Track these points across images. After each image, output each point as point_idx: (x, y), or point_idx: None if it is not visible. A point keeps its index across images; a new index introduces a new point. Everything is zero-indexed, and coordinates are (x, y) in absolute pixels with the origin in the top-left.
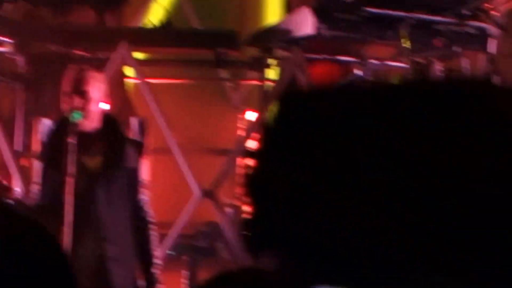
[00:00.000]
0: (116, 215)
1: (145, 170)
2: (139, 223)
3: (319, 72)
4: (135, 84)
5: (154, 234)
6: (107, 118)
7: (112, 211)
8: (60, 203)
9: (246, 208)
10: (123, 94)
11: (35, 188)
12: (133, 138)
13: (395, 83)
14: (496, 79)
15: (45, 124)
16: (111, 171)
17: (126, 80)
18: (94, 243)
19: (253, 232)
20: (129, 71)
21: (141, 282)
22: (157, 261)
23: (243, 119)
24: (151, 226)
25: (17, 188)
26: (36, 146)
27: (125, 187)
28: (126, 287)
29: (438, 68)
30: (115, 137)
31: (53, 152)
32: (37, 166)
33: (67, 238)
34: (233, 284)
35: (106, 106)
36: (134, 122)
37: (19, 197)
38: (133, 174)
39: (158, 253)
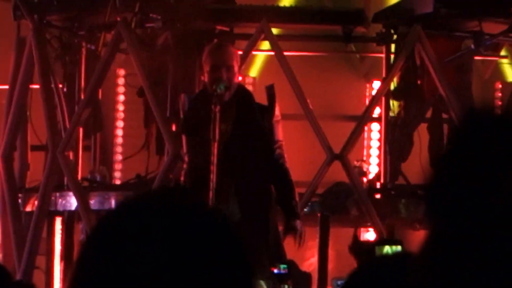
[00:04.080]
0: (250, 174)
1: (279, 131)
2: (279, 172)
3: (437, 46)
4: (272, 57)
5: (293, 183)
6: (240, 89)
7: (245, 171)
8: (203, 167)
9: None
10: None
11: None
12: (263, 104)
13: None
14: None
15: (185, 99)
16: (242, 134)
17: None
18: (230, 197)
19: (433, 202)
20: (266, 45)
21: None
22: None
23: (370, 88)
24: (290, 176)
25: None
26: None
27: (258, 148)
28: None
29: None
30: (246, 105)
31: (194, 121)
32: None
33: (212, 198)
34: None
35: (239, 78)
36: (265, 89)
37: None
38: (265, 135)
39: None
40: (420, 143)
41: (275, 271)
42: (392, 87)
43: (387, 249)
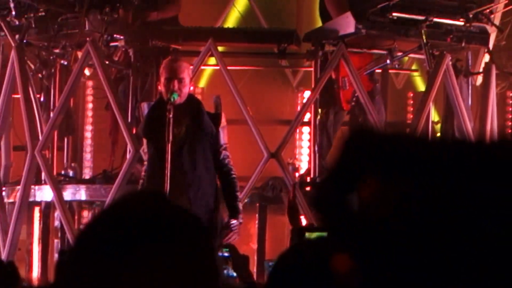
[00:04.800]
0: (199, 170)
1: (225, 136)
2: (224, 171)
3: (357, 61)
4: (218, 70)
5: (236, 180)
6: (190, 97)
7: (194, 168)
8: (159, 165)
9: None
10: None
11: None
12: (211, 112)
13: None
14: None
15: (145, 106)
16: (192, 137)
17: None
18: (181, 190)
19: (319, 194)
20: (212, 61)
21: (226, 215)
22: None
23: (301, 97)
24: (234, 173)
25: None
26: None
27: (207, 149)
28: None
29: (448, 58)
30: (196, 111)
31: (152, 125)
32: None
33: (166, 188)
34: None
35: (191, 88)
36: (213, 99)
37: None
38: (213, 138)
39: (239, 195)
40: None
41: (219, 254)
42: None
43: (317, 235)
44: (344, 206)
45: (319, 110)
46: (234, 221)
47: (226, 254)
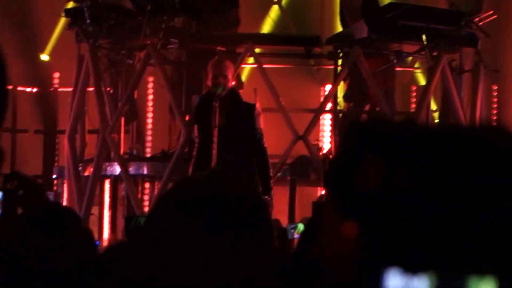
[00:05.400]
0: (238, 152)
1: (259, 122)
2: (259, 151)
3: (372, 62)
4: (255, 68)
5: (268, 160)
6: (232, 90)
7: (235, 150)
8: (207, 147)
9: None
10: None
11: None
12: (249, 102)
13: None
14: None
15: (195, 98)
16: (232, 123)
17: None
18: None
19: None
20: (251, 60)
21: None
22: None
23: (323, 90)
24: (266, 155)
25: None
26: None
27: (245, 133)
28: None
29: (445, 58)
30: (236, 102)
31: (201, 114)
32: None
33: (213, 163)
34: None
35: (233, 83)
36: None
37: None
38: (249, 124)
39: (271, 173)
40: None
41: None
42: (341, 92)
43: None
44: (351, 179)
45: (340, 101)
46: (266, 197)
47: None
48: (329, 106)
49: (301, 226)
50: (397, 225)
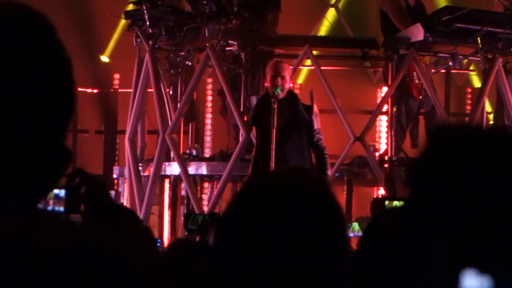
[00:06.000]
0: (296, 152)
1: (317, 122)
2: (318, 151)
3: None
4: (313, 70)
5: (327, 159)
6: (290, 92)
7: (293, 151)
8: (266, 147)
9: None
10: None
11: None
12: (306, 103)
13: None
14: None
15: (253, 99)
16: (290, 124)
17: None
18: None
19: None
20: (308, 62)
21: None
22: (328, 173)
23: (380, 91)
24: (326, 153)
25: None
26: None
27: (303, 134)
28: None
29: (499, 61)
30: (294, 103)
31: (259, 115)
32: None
33: (272, 166)
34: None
35: (290, 85)
36: (309, 94)
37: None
38: (308, 125)
39: (330, 173)
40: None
41: None
42: None
43: (395, 203)
44: (437, 182)
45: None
46: None
47: None
48: (385, 108)
49: (356, 225)
50: (478, 227)
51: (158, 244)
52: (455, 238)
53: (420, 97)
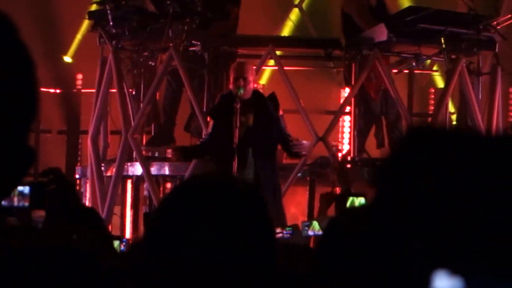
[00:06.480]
0: (264, 152)
1: (284, 122)
2: (292, 143)
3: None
4: (276, 70)
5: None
6: (256, 92)
7: (260, 150)
8: (227, 146)
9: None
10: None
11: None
12: (270, 104)
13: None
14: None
15: (219, 96)
16: (258, 124)
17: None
18: (248, 164)
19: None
20: (272, 62)
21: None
22: None
23: (343, 92)
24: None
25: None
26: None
27: (271, 131)
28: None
29: (463, 61)
30: (261, 103)
31: (221, 113)
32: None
33: (234, 166)
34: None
35: (254, 85)
36: (269, 96)
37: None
38: (276, 123)
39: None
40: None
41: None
42: None
43: (352, 199)
44: (406, 181)
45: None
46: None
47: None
48: (348, 108)
49: (316, 224)
50: (450, 228)
51: (124, 243)
52: (426, 238)
53: (379, 95)
